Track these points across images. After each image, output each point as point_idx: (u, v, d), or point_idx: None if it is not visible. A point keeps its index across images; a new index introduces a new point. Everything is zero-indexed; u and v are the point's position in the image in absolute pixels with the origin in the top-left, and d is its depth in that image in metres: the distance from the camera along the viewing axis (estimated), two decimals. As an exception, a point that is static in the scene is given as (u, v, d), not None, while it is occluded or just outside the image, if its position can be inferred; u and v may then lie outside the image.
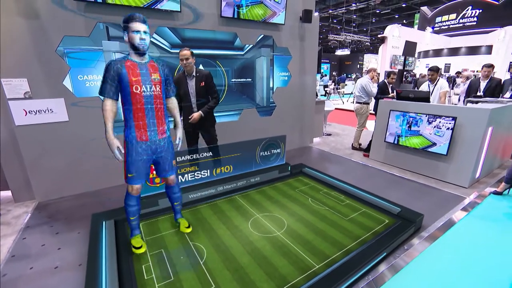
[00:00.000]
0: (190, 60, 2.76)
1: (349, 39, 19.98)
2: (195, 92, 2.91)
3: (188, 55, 2.72)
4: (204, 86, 2.90)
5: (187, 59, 2.73)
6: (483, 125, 3.18)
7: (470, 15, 14.65)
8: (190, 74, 2.87)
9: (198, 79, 2.88)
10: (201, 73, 2.90)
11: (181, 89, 2.87)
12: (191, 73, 2.87)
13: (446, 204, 2.96)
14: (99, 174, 3.29)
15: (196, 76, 2.89)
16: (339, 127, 7.18)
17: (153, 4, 3.14)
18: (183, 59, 2.73)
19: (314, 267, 1.89)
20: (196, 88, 2.89)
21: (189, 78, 2.89)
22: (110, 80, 1.73)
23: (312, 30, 4.84)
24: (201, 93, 2.93)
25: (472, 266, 2.01)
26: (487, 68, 4.62)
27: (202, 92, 2.93)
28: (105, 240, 2.11)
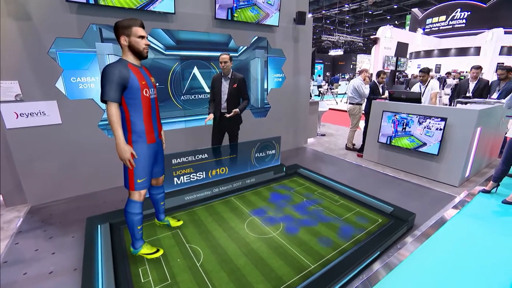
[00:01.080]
0: (228, 63, 3.07)
1: (342, 40, 20.20)
2: (227, 92, 3.18)
3: (227, 59, 3.05)
4: (236, 88, 3.18)
5: (225, 62, 3.06)
6: (472, 125, 3.26)
7: (459, 17, 14.99)
8: (226, 76, 3.19)
9: (232, 81, 3.17)
10: (236, 76, 3.20)
11: (216, 87, 3.21)
12: (227, 74, 3.18)
13: (437, 203, 3.03)
14: (92, 176, 3.26)
15: (231, 78, 3.18)
16: (333, 128, 7.25)
17: (146, 6, 3.13)
18: (222, 62, 3.06)
19: (309, 267, 1.92)
20: (229, 89, 3.17)
21: (225, 78, 3.19)
22: (115, 84, 1.65)
23: (306, 31, 4.88)
24: (232, 94, 3.19)
25: (463, 263, 2.07)
26: (476, 69, 4.74)
27: (233, 93, 3.19)
28: (100, 243, 2.10)
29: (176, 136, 3.76)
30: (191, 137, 3.95)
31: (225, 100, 3.19)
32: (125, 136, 1.74)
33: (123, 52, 1.78)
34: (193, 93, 3.91)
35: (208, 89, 4.01)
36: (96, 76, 3.08)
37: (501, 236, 2.42)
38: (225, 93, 3.19)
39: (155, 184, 2.19)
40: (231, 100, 3.19)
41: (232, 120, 3.26)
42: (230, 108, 3.18)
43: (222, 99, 3.20)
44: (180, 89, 3.78)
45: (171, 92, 3.70)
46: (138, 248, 1.98)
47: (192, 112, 3.96)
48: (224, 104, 3.21)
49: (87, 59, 3.00)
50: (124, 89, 1.70)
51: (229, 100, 3.18)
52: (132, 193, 1.87)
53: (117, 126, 1.67)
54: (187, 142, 3.85)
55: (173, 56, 3.61)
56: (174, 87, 3.72)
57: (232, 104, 3.19)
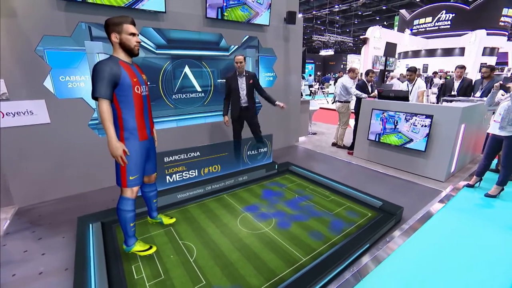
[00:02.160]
0: (243, 63, 3.40)
1: (332, 40, 20.46)
2: (245, 88, 3.53)
3: (242, 59, 3.37)
4: (252, 83, 3.56)
5: (241, 62, 3.37)
6: (456, 122, 3.38)
7: (444, 18, 15.40)
8: (241, 74, 3.50)
9: (247, 78, 3.52)
10: (249, 74, 3.56)
11: (233, 85, 3.50)
12: (242, 73, 3.49)
13: (424, 197, 3.13)
14: (83, 177, 3.22)
15: (246, 76, 3.52)
16: (324, 126, 7.35)
17: (134, 4, 3.10)
18: (238, 62, 3.36)
19: (301, 260, 1.96)
20: (247, 85, 3.53)
21: (240, 77, 3.50)
22: (107, 81, 1.64)
23: (297, 31, 4.94)
24: (249, 89, 3.56)
25: (449, 254, 2.15)
26: (460, 69, 4.90)
27: (251, 88, 3.57)
28: (92, 242, 2.09)
29: (168, 135, 3.75)
30: (183, 136, 3.95)
31: (245, 95, 3.54)
32: (116, 133, 1.74)
33: (114, 49, 1.78)
34: (185, 92, 3.91)
35: (200, 88, 4.01)
36: (86, 75, 3.05)
37: (484, 228, 2.53)
38: (244, 89, 3.53)
39: (147, 182, 2.19)
40: (249, 95, 3.58)
41: (251, 110, 3.66)
42: (249, 101, 3.60)
43: (242, 95, 3.53)
44: (172, 88, 3.77)
45: (163, 91, 3.69)
46: (131, 245, 1.97)
47: (184, 111, 3.96)
48: (245, 99, 3.56)
49: (76, 57, 2.97)
50: (115, 86, 1.70)
51: (248, 95, 3.56)
52: (124, 190, 1.87)
53: (108, 123, 1.66)
54: (178, 141, 3.85)
55: (164, 55, 3.60)
56: (166, 86, 3.71)
57: (250, 97, 3.60)
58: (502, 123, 2.95)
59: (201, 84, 4.03)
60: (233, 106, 3.59)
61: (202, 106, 4.12)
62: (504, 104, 2.99)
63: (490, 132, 3.21)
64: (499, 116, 3.03)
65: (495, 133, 3.09)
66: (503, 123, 2.94)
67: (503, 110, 2.97)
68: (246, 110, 3.61)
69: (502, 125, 2.96)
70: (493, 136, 3.14)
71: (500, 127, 2.98)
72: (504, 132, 2.95)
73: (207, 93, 4.13)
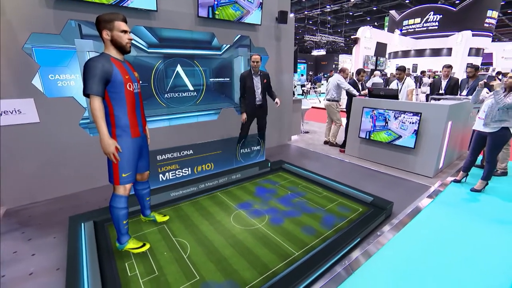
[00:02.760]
0: (259, 63, 3.61)
1: (324, 40, 20.63)
2: (260, 87, 3.74)
3: (259, 59, 3.57)
4: (266, 82, 3.78)
5: (257, 62, 3.57)
6: (444, 119, 3.48)
7: (432, 19, 15.77)
8: (256, 73, 3.67)
9: (262, 77, 3.73)
10: (263, 73, 3.76)
11: (247, 83, 3.66)
12: (257, 72, 3.67)
13: (414, 193, 3.21)
14: (74, 177, 3.18)
15: (261, 75, 3.72)
16: (316, 125, 7.42)
17: (120, 2, 3.07)
18: (255, 61, 3.55)
19: (294, 254, 2.00)
20: (261, 84, 3.74)
21: (255, 75, 3.68)
22: (98, 78, 1.63)
23: (288, 30, 4.98)
24: (264, 88, 3.78)
25: (437, 247, 2.22)
26: (447, 68, 5.04)
27: (265, 87, 3.79)
28: (85, 241, 2.07)
29: (160, 134, 3.73)
30: (175, 135, 3.94)
31: (259, 93, 3.76)
32: (109, 131, 1.74)
33: (105, 46, 1.78)
34: (177, 91, 3.90)
35: (192, 87, 4.01)
36: (77, 73, 3.01)
37: (470, 221, 2.62)
38: (259, 87, 3.74)
39: (140, 179, 2.19)
40: (264, 93, 3.81)
41: (264, 108, 3.91)
42: (264, 100, 3.85)
43: (257, 93, 3.74)
44: (164, 87, 3.75)
45: (155, 90, 3.68)
46: (124, 243, 1.97)
47: (176, 110, 3.95)
48: (260, 97, 3.77)
49: (66, 55, 2.93)
50: (107, 83, 1.70)
51: (263, 93, 3.80)
52: (117, 187, 1.87)
53: (100, 120, 1.66)
54: (171, 140, 3.83)
55: (156, 54, 3.58)
56: (158, 85, 3.69)
57: (264, 95, 3.84)
58: (486, 120, 3.05)
59: (193, 83, 4.02)
60: (249, 104, 3.75)
61: (195, 105, 4.12)
62: (487, 101, 3.10)
63: (475, 129, 3.32)
64: (483, 113, 3.13)
65: (479, 129, 3.20)
66: (487, 120, 3.04)
67: (487, 108, 3.08)
68: (260, 108, 3.83)
69: (486, 122, 3.06)
70: (478, 133, 3.25)
71: (484, 123, 3.09)
72: (488, 128, 3.06)
73: (200, 92, 4.13)
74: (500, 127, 2.97)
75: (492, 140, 3.06)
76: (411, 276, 1.89)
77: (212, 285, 1.71)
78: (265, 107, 3.90)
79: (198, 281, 1.74)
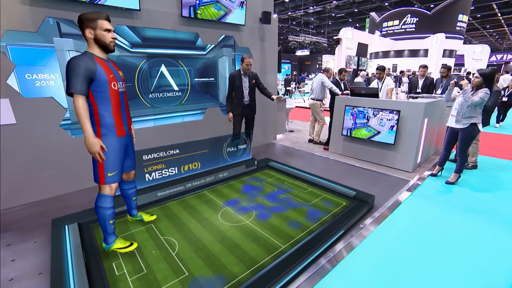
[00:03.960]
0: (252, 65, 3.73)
1: (308, 40, 20.97)
2: (248, 87, 3.83)
3: (251, 62, 3.71)
4: (255, 83, 3.88)
5: (251, 65, 3.69)
6: (420, 117, 3.67)
7: (409, 22, 16.48)
8: (246, 74, 3.76)
9: (250, 78, 3.81)
10: (252, 73, 3.83)
11: (236, 83, 3.75)
12: (247, 73, 3.75)
13: (394, 187, 3.36)
14: (56, 179, 3.09)
15: (249, 76, 3.80)
16: (301, 124, 7.56)
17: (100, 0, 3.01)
18: (249, 64, 3.65)
19: (280, 247, 2.06)
20: (249, 84, 3.83)
21: (244, 76, 3.77)
22: (82, 77, 1.62)
23: (272, 31, 5.06)
24: (252, 88, 3.88)
25: (416, 237, 2.35)
26: (423, 68, 5.30)
27: (253, 87, 3.89)
28: (69, 243, 2.03)
29: (145, 134, 3.69)
30: (161, 135, 3.90)
31: (247, 93, 3.84)
32: (93, 130, 1.73)
33: (88, 45, 1.76)
34: (162, 91, 3.87)
35: (177, 87, 3.99)
36: (56, 73, 2.93)
37: (445, 212, 2.79)
38: (247, 88, 3.83)
39: (126, 179, 2.18)
40: (251, 93, 3.90)
41: (253, 107, 3.98)
42: (251, 99, 3.91)
43: (245, 93, 3.83)
44: (148, 87, 3.72)
45: (139, 90, 3.63)
46: (111, 243, 1.95)
47: (161, 110, 3.92)
48: (248, 97, 3.86)
49: (44, 54, 2.84)
50: (91, 82, 1.69)
51: (250, 93, 3.88)
52: (102, 187, 1.85)
53: (85, 119, 1.64)
54: (156, 140, 3.79)
55: (139, 53, 3.54)
56: (142, 85, 3.65)
57: (252, 95, 3.92)
58: (457, 117, 3.27)
59: (178, 83, 4.01)
60: (237, 103, 3.83)
61: (180, 105, 4.11)
62: (458, 100, 3.32)
63: (448, 125, 3.53)
64: (455, 110, 3.34)
65: (452, 125, 3.41)
66: (458, 117, 3.26)
67: (458, 105, 3.29)
68: (248, 107, 3.92)
69: (457, 119, 3.28)
70: (451, 129, 3.47)
71: (456, 120, 3.30)
72: (459, 124, 3.27)
73: (184, 92, 4.11)
74: (469, 123, 3.18)
75: (463, 135, 3.28)
76: (392, 266, 1.98)
77: (201, 280, 1.74)
78: (253, 106, 3.98)
79: (187, 277, 1.76)
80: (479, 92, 3.05)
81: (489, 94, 3.04)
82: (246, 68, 3.67)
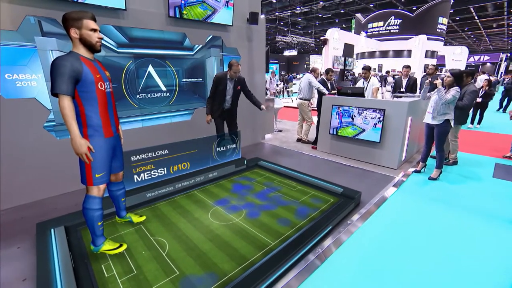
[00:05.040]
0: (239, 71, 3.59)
1: (295, 41, 21.17)
2: (232, 92, 3.67)
3: (240, 70, 3.56)
4: (240, 89, 3.73)
5: (239, 72, 3.55)
6: (404, 115, 3.80)
7: (393, 23, 16.98)
8: (233, 79, 3.60)
9: (236, 83, 3.65)
10: (239, 79, 3.67)
11: (221, 86, 3.58)
12: (234, 78, 3.59)
13: (380, 183, 3.47)
14: (40, 183, 3.00)
15: (235, 81, 3.63)
16: (289, 124, 7.64)
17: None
18: (237, 72, 3.52)
19: (270, 244, 2.10)
20: (234, 90, 3.68)
21: (230, 81, 3.61)
22: (67, 77, 1.59)
23: (259, 31, 5.10)
24: (235, 94, 3.72)
25: (402, 231, 2.43)
26: (406, 68, 5.49)
27: (237, 93, 3.73)
28: (56, 247, 1.99)
29: (133, 135, 3.64)
30: (149, 136, 3.86)
31: (229, 99, 3.69)
32: (80, 131, 1.70)
33: (73, 44, 1.73)
34: (149, 92, 3.83)
35: (164, 87, 3.96)
36: (39, 73, 2.85)
37: (429, 206, 2.91)
38: (230, 94, 3.67)
39: (114, 180, 2.16)
40: (235, 99, 3.75)
41: (232, 113, 3.86)
42: (233, 105, 3.78)
43: (227, 98, 3.68)
44: (135, 88, 3.67)
45: (126, 91, 3.58)
46: (100, 245, 1.93)
47: (149, 111, 3.87)
48: (229, 102, 3.72)
49: (25, 54, 2.75)
50: (76, 82, 1.66)
51: (233, 99, 3.73)
52: (90, 188, 1.83)
53: (71, 120, 1.62)
54: (144, 141, 3.75)
55: (126, 54, 3.49)
56: (129, 85, 3.60)
57: (235, 101, 3.77)
58: (433, 114, 3.46)
59: (165, 84, 3.98)
60: (216, 106, 3.70)
61: (168, 105, 4.08)
62: (433, 97, 3.50)
63: (425, 122, 3.69)
64: (431, 108, 3.52)
65: (428, 122, 3.59)
66: (434, 114, 3.45)
67: (433, 103, 3.46)
68: (227, 112, 3.79)
69: (433, 116, 3.47)
70: (427, 125, 3.66)
71: (432, 117, 3.49)
72: (435, 121, 3.46)
73: (172, 92, 4.09)
74: (443, 120, 3.39)
75: (438, 131, 3.48)
76: (379, 260, 2.05)
77: (192, 278, 1.75)
78: (233, 112, 3.85)
79: (178, 276, 1.77)
80: (451, 90, 3.29)
81: (460, 92, 3.29)
82: (233, 75, 3.54)
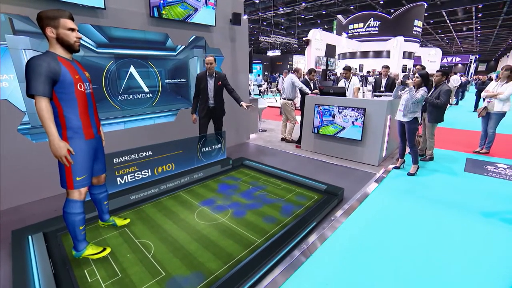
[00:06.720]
0: (213, 64, 3.50)
1: (278, 41, 21.36)
2: (213, 89, 3.65)
3: (212, 61, 3.47)
4: (221, 85, 3.68)
5: (211, 64, 3.47)
6: (384, 114, 3.96)
7: (372, 25, 17.55)
8: (211, 75, 3.60)
9: (216, 79, 3.63)
10: (219, 75, 3.65)
11: (202, 85, 3.61)
12: (212, 74, 3.58)
13: (362, 180, 3.59)
14: (15, 189, 2.86)
15: (215, 77, 3.62)
16: (273, 123, 7.72)
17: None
18: (208, 63, 3.46)
19: (256, 242, 2.13)
20: (215, 86, 3.64)
21: (210, 77, 3.61)
22: (44, 77, 1.54)
23: (242, 32, 5.12)
24: (217, 90, 3.68)
25: (383, 225, 2.53)
26: (385, 68, 5.71)
27: (219, 89, 3.69)
28: (34, 254, 1.91)
29: (115, 137, 3.56)
30: (132, 138, 3.78)
31: (212, 96, 3.66)
32: (59, 133, 1.65)
33: (50, 44, 1.68)
34: (131, 93, 3.76)
35: (147, 88, 3.90)
36: (11, 73, 2.72)
37: (408, 201, 3.04)
38: (212, 90, 3.65)
39: (96, 183, 2.11)
40: (217, 95, 3.71)
41: (219, 111, 3.81)
42: (217, 102, 3.72)
43: (210, 95, 3.65)
44: (117, 89, 3.59)
45: (107, 92, 3.49)
46: (82, 249, 1.88)
47: (132, 113, 3.80)
48: (213, 99, 3.69)
49: (-3, 53, 2.63)
50: (54, 83, 1.61)
51: (216, 96, 3.69)
52: (71, 192, 1.78)
53: (49, 122, 1.57)
54: (127, 143, 3.67)
55: (106, 54, 3.41)
56: (110, 86, 3.51)
57: (218, 98, 3.73)
58: (404, 111, 3.66)
59: (148, 85, 3.91)
60: (201, 105, 3.71)
61: (151, 107, 4.01)
62: (404, 96, 3.69)
63: (397, 119, 3.86)
64: (402, 106, 3.70)
65: (400, 119, 3.78)
66: (405, 111, 3.65)
67: (404, 101, 3.65)
68: (213, 110, 3.76)
69: (404, 113, 3.67)
70: (399, 122, 3.86)
71: (403, 114, 3.69)
72: (406, 118, 3.66)
73: (155, 93, 4.03)
74: (413, 117, 3.60)
75: (408, 128, 3.69)
76: (363, 255, 2.11)
77: (178, 279, 1.75)
78: (219, 109, 3.82)
79: (164, 277, 1.76)
80: (420, 90, 3.52)
81: (427, 92, 3.56)
82: (207, 67, 3.51)
